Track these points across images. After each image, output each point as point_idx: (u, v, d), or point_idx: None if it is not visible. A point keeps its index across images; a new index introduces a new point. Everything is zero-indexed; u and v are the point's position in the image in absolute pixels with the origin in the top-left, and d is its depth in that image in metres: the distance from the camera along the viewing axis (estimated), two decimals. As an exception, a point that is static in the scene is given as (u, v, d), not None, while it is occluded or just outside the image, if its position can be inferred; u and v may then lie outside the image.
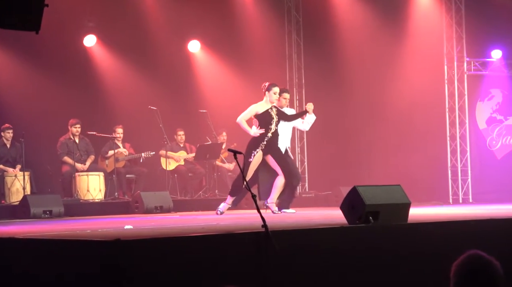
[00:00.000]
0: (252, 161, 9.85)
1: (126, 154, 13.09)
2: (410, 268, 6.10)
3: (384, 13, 14.08)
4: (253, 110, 10.02)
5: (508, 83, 14.62)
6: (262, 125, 9.95)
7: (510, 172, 14.16)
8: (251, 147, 9.94)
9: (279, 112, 10.07)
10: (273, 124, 9.96)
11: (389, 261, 6.05)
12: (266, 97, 10.01)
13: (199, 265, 5.15)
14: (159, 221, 8.95)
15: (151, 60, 14.09)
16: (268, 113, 9.97)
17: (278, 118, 10.00)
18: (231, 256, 5.31)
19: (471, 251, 3.39)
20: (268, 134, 9.93)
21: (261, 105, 10.03)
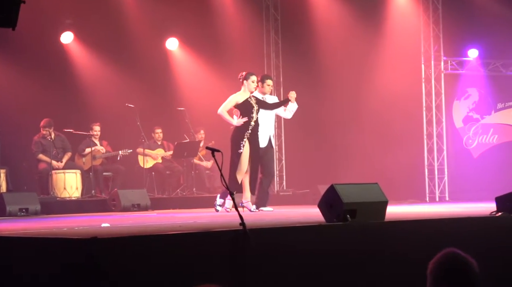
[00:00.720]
0: (243, 152, 9.84)
1: (103, 151, 13.03)
2: (387, 266, 6.13)
3: (362, 12, 14.13)
4: (233, 100, 10.02)
5: (485, 82, 14.73)
6: (244, 114, 9.95)
7: (486, 171, 14.26)
8: (238, 139, 9.91)
9: (258, 101, 10.09)
10: (254, 113, 9.97)
11: (366, 259, 6.07)
12: (244, 86, 10.02)
13: (176, 263, 5.13)
14: (136, 219, 8.92)
15: (128, 58, 14.03)
16: (248, 102, 9.97)
17: (258, 107, 10.02)
18: (209, 254, 5.30)
19: (448, 249, 3.41)
20: (251, 123, 9.93)
21: (240, 95, 10.03)
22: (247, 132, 9.90)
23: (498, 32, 14.11)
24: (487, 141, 14.71)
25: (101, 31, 13.78)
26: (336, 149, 14.78)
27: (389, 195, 7.01)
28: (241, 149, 9.82)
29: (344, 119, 14.63)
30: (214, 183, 13.79)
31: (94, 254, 4.83)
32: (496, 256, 6.50)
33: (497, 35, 14.20)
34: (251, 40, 15.07)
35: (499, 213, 7.30)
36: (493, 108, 14.83)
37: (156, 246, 5.18)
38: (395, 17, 14.30)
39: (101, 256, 4.84)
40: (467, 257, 3.37)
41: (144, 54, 14.13)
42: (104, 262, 4.84)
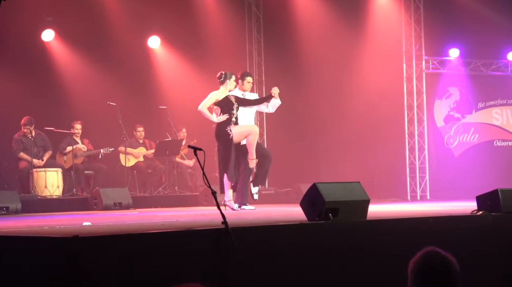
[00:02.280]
0: (234, 135, 9.86)
1: (85, 150, 12.98)
2: (369, 264, 6.15)
3: (343, 10, 14.16)
4: (213, 97, 10.05)
5: (466, 81, 14.82)
6: (224, 111, 9.99)
7: (467, 170, 14.36)
8: (223, 129, 9.92)
9: (237, 99, 10.11)
10: (234, 110, 10.00)
11: (348, 258, 6.09)
12: (224, 86, 10.04)
13: (158, 262, 5.12)
14: (118, 218, 8.89)
15: (110, 56, 13.97)
16: (228, 99, 10.01)
17: (238, 104, 10.04)
18: (191, 253, 5.30)
19: (428, 248, 3.43)
20: (232, 119, 9.95)
21: (220, 92, 10.08)
22: (232, 123, 9.93)
23: (479, 32, 14.21)
24: (468, 140, 14.81)
25: (83, 29, 13.72)
26: (318, 147, 14.81)
27: (370, 194, 7.03)
28: (230, 135, 9.85)
29: (326, 117, 14.66)
30: (196, 181, 13.78)
31: (75, 253, 4.81)
32: (477, 254, 6.54)
33: (478, 35, 14.30)
34: (233, 39, 15.06)
35: (480, 212, 7.35)
36: (474, 107, 14.93)
37: (138, 245, 5.16)
38: (376, 16, 14.35)
39: (82, 255, 4.82)
40: (447, 256, 3.39)
41: (126, 52, 14.08)
42: (86, 261, 4.82)
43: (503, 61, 14.99)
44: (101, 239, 5.18)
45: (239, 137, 9.94)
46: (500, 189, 7.35)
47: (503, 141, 15.11)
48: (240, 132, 9.95)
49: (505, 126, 15.15)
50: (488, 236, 6.91)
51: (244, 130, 9.97)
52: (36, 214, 10.50)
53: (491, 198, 7.36)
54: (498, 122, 15.10)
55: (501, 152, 15.01)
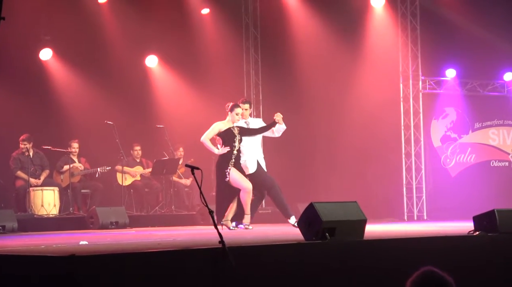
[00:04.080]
0: (231, 178, 9.86)
1: (82, 168, 12.97)
2: (366, 284, 6.14)
3: (341, 31, 14.22)
4: (216, 128, 10.07)
5: (462, 102, 14.86)
6: (225, 143, 10.00)
7: (463, 190, 14.36)
8: (223, 167, 9.96)
9: (241, 130, 10.12)
10: (236, 142, 10.01)
11: (345, 278, 6.08)
12: (228, 116, 10.07)
13: (155, 281, 5.11)
14: (115, 237, 8.87)
15: (108, 75, 14.01)
16: (231, 131, 10.03)
17: (240, 136, 10.05)
18: (188, 272, 5.29)
19: (425, 267, 3.43)
20: (234, 152, 9.97)
21: (223, 123, 10.09)
22: (231, 161, 9.94)
23: (476, 53, 14.27)
24: (464, 160, 14.82)
25: (80, 47, 13.76)
26: (315, 167, 14.82)
27: (367, 214, 7.03)
28: (227, 178, 9.85)
29: (323, 137, 14.68)
30: (193, 200, 13.77)
31: (72, 272, 4.80)
32: (474, 274, 6.53)
33: (475, 56, 14.36)
34: (231, 58, 15.12)
35: (477, 232, 7.35)
36: (471, 127, 14.96)
37: (134, 264, 5.15)
38: (374, 36, 14.41)
39: (79, 274, 4.81)
40: (444, 276, 3.39)
41: (124, 71, 14.12)
42: (82, 280, 4.81)
43: (499, 82, 15.04)
44: (98, 258, 5.17)
45: (234, 183, 9.90)
46: (497, 209, 7.35)
47: (499, 161, 15.13)
48: (237, 180, 9.89)
49: (501, 147, 15.17)
50: (485, 257, 6.91)
51: (240, 182, 9.88)
52: (32, 233, 10.48)
53: (488, 219, 7.36)
54: (495, 142, 15.13)
55: (497, 173, 15.02)
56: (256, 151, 10.47)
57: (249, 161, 10.29)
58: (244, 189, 9.93)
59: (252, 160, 10.34)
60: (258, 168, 10.38)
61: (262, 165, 10.51)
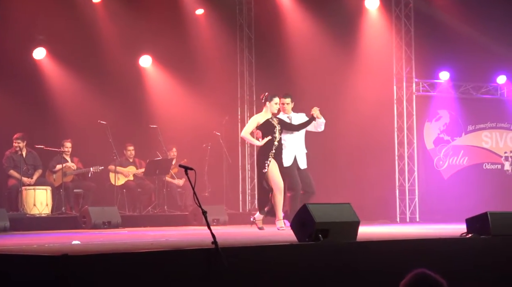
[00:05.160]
0: (269, 171, 9.81)
1: (74, 168, 12.94)
2: (358, 286, 6.14)
3: (335, 33, 14.23)
4: (254, 120, 10.05)
5: (456, 104, 14.89)
6: (265, 134, 9.95)
7: (456, 192, 14.38)
8: (263, 158, 9.90)
9: (281, 122, 10.09)
10: (277, 133, 9.96)
11: (338, 279, 6.08)
12: (266, 107, 10.00)
13: (147, 281, 5.10)
14: (107, 237, 8.86)
15: (101, 74, 13.98)
16: (269, 122, 9.98)
17: (280, 127, 10.01)
18: (181, 272, 5.28)
19: (418, 269, 3.43)
20: (275, 142, 9.93)
21: (261, 116, 10.05)
22: (272, 152, 9.89)
23: (469, 55, 14.30)
24: (457, 162, 14.85)
25: (74, 47, 13.74)
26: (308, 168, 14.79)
27: (360, 216, 7.03)
28: (265, 169, 9.81)
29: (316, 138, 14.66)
30: (186, 201, 13.76)
31: (64, 271, 4.78)
32: (466, 277, 6.54)
33: (468, 58, 14.39)
34: (225, 59, 15.11)
35: (470, 235, 7.36)
36: (464, 130, 14.99)
37: (127, 264, 5.14)
38: (368, 38, 14.43)
39: (72, 274, 4.80)
40: (437, 278, 3.39)
41: (117, 71, 14.09)
42: (75, 280, 4.80)
43: (492, 85, 15.08)
44: (91, 258, 5.16)
45: (270, 177, 9.86)
46: (489, 212, 7.36)
47: (492, 164, 15.16)
48: (272, 175, 9.81)
49: (494, 149, 15.20)
50: (477, 259, 6.92)
51: (273, 178, 9.81)
52: (24, 233, 10.46)
53: (480, 221, 7.37)
54: (488, 145, 15.16)
55: (490, 175, 15.05)
56: (296, 147, 10.34)
57: (286, 155, 10.22)
58: (276, 188, 9.86)
59: (289, 154, 10.25)
60: (292, 165, 10.26)
61: (300, 162, 10.33)
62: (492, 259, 6.99)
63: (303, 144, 10.48)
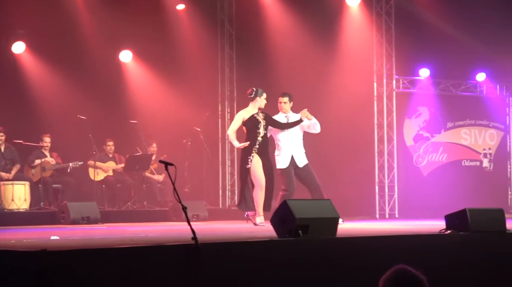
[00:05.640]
0: (252, 166, 9.81)
1: (53, 163, 12.87)
2: (338, 282, 6.16)
3: (316, 29, 14.24)
4: (240, 117, 10.06)
5: (435, 101, 14.97)
6: (250, 130, 9.93)
7: (435, 189, 14.47)
8: (246, 154, 9.91)
9: (266, 117, 10.06)
10: (261, 128, 9.95)
11: (317, 275, 6.09)
12: (254, 102, 10.01)
13: (127, 277, 5.08)
14: (86, 232, 8.82)
15: (81, 69, 13.90)
16: (254, 118, 9.97)
17: (266, 122, 9.98)
18: (160, 268, 5.26)
19: (398, 266, 3.44)
20: (258, 138, 9.91)
21: (247, 111, 10.06)
22: (255, 147, 9.88)
23: (449, 53, 14.38)
24: (436, 159, 14.93)
25: (54, 41, 13.64)
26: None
27: (340, 212, 7.05)
28: (248, 165, 9.80)
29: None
30: (166, 196, 13.72)
31: (43, 267, 4.75)
32: (445, 273, 6.57)
33: (448, 56, 14.48)
34: (206, 55, 15.07)
35: (448, 231, 7.40)
36: (443, 127, 15.08)
37: (106, 260, 5.12)
38: (348, 35, 14.45)
39: (50, 269, 4.77)
40: (417, 274, 3.40)
41: (97, 66, 14.01)
42: (53, 275, 4.77)
43: (472, 82, 15.18)
44: (69, 254, 5.13)
45: (252, 173, 9.83)
46: (468, 208, 7.41)
47: (471, 161, 15.27)
48: (254, 171, 9.83)
49: (473, 146, 15.31)
50: (456, 255, 6.96)
51: (255, 175, 9.83)
52: (2, 228, 10.35)
53: (459, 217, 7.41)
54: (467, 142, 15.26)
55: (469, 172, 15.16)
56: (292, 146, 10.33)
57: (282, 156, 10.24)
58: (257, 184, 9.85)
59: (285, 155, 10.25)
60: (288, 166, 10.26)
61: (298, 160, 10.31)
62: (471, 255, 7.04)
63: (301, 142, 10.48)
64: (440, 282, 5.77)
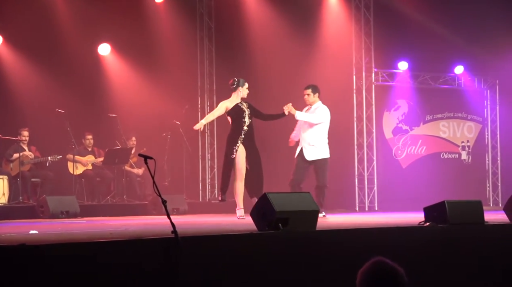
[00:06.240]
0: (236, 157, 9.82)
1: (32, 157, 12.79)
2: (318, 274, 6.18)
3: (296, 22, 14.25)
4: (223, 105, 10.06)
5: (414, 94, 15.04)
6: (235, 120, 9.93)
7: (414, 181, 14.55)
8: (231, 144, 9.92)
9: (250, 106, 10.09)
10: (246, 117, 9.95)
11: (297, 268, 6.11)
12: (237, 93, 10.02)
13: (107, 271, 5.07)
14: (66, 226, 8.78)
15: (59, 62, 13.81)
16: (239, 107, 9.99)
17: (250, 111, 9.97)
18: (140, 262, 5.26)
19: (376, 258, 3.46)
20: (244, 127, 9.91)
21: (229, 101, 10.06)
22: (241, 137, 9.88)
23: (428, 46, 14.45)
24: (415, 152, 15.01)
25: (32, 35, 13.53)
26: (269, 157, 14.79)
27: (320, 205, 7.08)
28: (233, 155, 9.80)
29: (276, 127, 14.69)
30: (145, 190, 13.70)
31: (22, 261, 4.73)
32: (424, 265, 6.62)
33: (427, 49, 14.55)
34: (185, 48, 15.03)
35: (427, 223, 7.44)
36: (422, 120, 15.16)
37: (86, 254, 5.11)
38: (328, 28, 14.48)
39: (29, 264, 4.75)
40: (395, 266, 3.42)
41: (76, 59, 13.92)
42: (32, 269, 4.76)
43: (450, 75, 15.27)
44: (49, 248, 5.11)
45: (237, 160, 9.83)
46: (447, 200, 7.46)
47: (449, 153, 15.36)
48: (237, 162, 9.85)
49: (451, 139, 15.41)
50: (435, 247, 7.01)
51: (237, 166, 9.86)
52: (-19, 222, 10.31)
53: (438, 210, 7.46)
54: (445, 134, 15.36)
55: (447, 164, 15.26)
56: (303, 140, 10.52)
57: (299, 146, 10.42)
58: (238, 175, 9.88)
59: (298, 147, 10.48)
60: (297, 157, 10.50)
61: (306, 154, 10.47)
62: (450, 247, 7.09)
63: (310, 137, 10.56)
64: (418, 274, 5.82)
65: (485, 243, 7.32)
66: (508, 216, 8.22)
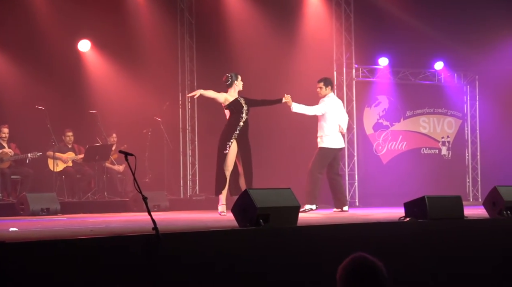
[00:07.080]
0: (229, 152, 9.79)
1: (12, 154, 12.71)
2: (299, 270, 6.20)
3: (276, 17, 14.26)
4: (222, 96, 9.99)
5: (394, 90, 15.09)
6: (234, 114, 9.90)
7: (395, 177, 14.61)
8: (225, 138, 9.88)
9: (247, 101, 10.10)
10: (244, 113, 9.94)
11: (278, 264, 6.12)
12: (233, 87, 10.00)
13: (88, 267, 5.06)
14: (46, 224, 8.73)
15: (39, 58, 13.73)
16: (238, 102, 9.97)
17: (247, 107, 9.96)
18: (121, 259, 5.25)
19: (356, 253, 3.48)
20: (240, 123, 9.89)
21: (230, 95, 10.01)
22: (235, 133, 9.86)
23: (408, 42, 14.51)
24: (396, 147, 15.08)
25: (10, 30, 13.45)
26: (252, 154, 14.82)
27: (301, 200, 7.09)
28: (226, 150, 9.77)
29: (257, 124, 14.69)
30: (126, 187, 13.66)
31: (1, 259, 4.71)
32: (404, 260, 6.66)
33: (407, 45, 14.60)
34: (165, 44, 14.99)
35: (407, 219, 7.48)
36: (402, 115, 15.22)
37: (66, 251, 5.09)
38: (308, 23, 14.49)
39: (9, 262, 4.72)
40: (375, 261, 3.44)
41: (55, 55, 13.85)
42: (12, 267, 4.73)
43: (430, 71, 15.35)
44: (29, 245, 5.08)
45: (229, 155, 9.82)
46: (427, 196, 7.50)
47: (430, 149, 15.44)
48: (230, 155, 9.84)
49: (432, 134, 15.48)
50: (415, 242, 7.04)
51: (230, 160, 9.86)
52: (-40, 220, 10.24)
53: (418, 205, 7.50)
54: (425, 130, 15.43)
55: (428, 160, 15.33)
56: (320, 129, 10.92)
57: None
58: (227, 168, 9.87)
59: None
60: None
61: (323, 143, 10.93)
62: (430, 242, 7.13)
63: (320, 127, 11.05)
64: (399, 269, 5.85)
65: (465, 238, 7.37)
66: (488, 211, 8.29)
